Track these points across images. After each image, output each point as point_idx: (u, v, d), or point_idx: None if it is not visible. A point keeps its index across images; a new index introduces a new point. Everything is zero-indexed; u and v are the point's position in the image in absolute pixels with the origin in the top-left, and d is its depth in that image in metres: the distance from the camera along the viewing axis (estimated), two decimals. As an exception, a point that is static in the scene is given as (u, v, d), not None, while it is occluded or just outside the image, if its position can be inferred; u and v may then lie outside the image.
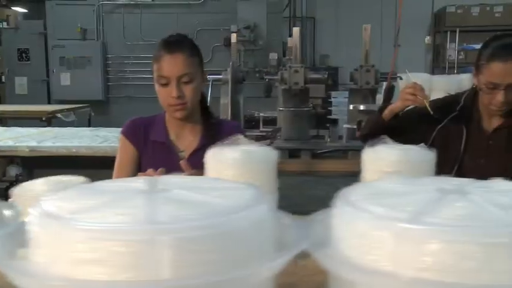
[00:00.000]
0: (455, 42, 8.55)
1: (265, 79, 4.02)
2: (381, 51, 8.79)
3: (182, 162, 1.74)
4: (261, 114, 4.36)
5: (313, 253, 0.64)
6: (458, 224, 0.55)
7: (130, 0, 8.07)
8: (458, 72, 7.28)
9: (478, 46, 6.81)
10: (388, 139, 1.46)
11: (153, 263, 0.56)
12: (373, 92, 3.50)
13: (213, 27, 7.98)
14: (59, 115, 5.45)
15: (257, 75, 6.63)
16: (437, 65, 9.34)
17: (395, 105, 2.18)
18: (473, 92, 2.21)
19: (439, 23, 9.32)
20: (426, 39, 3.12)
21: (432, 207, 0.60)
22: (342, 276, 0.61)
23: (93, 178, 1.00)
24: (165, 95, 1.93)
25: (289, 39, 3.71)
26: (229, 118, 3.81)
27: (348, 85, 4.10)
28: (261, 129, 4.33)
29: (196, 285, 0.55)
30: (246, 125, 4.54)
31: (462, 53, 8.91)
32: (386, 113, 2.23)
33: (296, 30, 3.62)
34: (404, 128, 2.33)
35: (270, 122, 4.39)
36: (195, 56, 1.95)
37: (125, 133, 2.09)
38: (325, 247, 0.65)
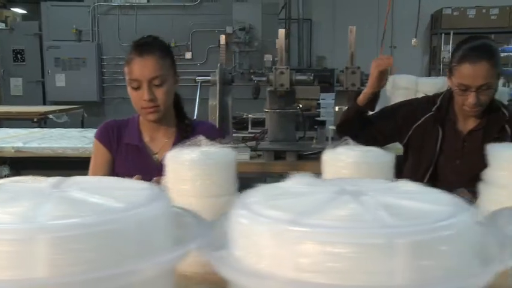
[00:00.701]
0: (450, 44, 8.55)
1: (254, 81, 4.01)
2: (377, 53, 8.81)
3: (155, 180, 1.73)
4: (250, 115, 4.36)
5: (202, 253, 0.65)
6: (335, 226, 0.55)
7: (125, 2, 8.09)
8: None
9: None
10: (350, 140, 1.46)
11: (30, 262, 0.56)
12: (359, 94, 3.48)
13: (208, 29, 8.00)
14: (50, 116, 5.46)
15: (252, 76, 6.65)
16: (434, 67, 9.34)
17: (368, 85, 2.27)
18: (449, 94, 2.22)
19: (435, 25, 9.33)
20: (413, 41, 3.13)
21: (319, 208, 0.60)
22: (226, 277, 0.61)
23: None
24: (137, 98, 1.93)
25: (277, 40, 3.70)
26: (217, 119, 3.82)
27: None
28: (250, 130, 4.33)
29: (72, 283, 0.55)
30: (236, 127, 4.55)
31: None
32: (361, 97, 2.27)
33: (281, 31, 3.62)
34: (381, 124, 2.34)
35: (259, 123, 4.39)
36: (166, 58, 1.94)
37: (98, 137, 2.09)
38: (217, 247, 0.65)
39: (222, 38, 4.23)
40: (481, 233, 0.64)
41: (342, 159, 1.34)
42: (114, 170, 2.05)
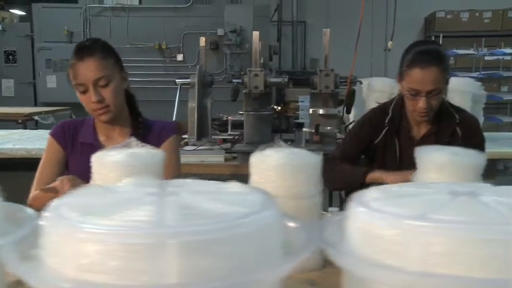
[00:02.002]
0: (444, 47, 8.52)
1: (234, 83, 4.02)
2: (371, 57, 8.79)
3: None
4: (229, 117, 4.36)
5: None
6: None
7: (117, 4, 8.10)
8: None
9: (461, 51, 6.76)
10: (283, 142, 1.46)
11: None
12: (334, 96, 3.49)
13: (200, 31, 7.97)
14: (36, 117, 5.47)
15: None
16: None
17: (387, 179, 2.03)
18: (401, 100, 2.20)
19: (429, 28, 9.32)
20: (389, 43, 3.10)
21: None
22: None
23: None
24: (86, 101, 1.95)
25: (253, 42, 3.69)
26: (195, 122, 3.82)
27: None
28: (230, 132, 4.32)
29: None
30: (220, 129, 4.54)
31: (452, 58, 8.91)
32: (370, 179, 2.12)
33: (256, 34, 3.61)
34: (350, 158, 2.32)
35: (239, 125, 4.38)
36: (108, 58, 1.96)
37: (53, 134, 2.11)
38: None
39: (202, 40, 4.24)
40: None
41: (268, 161, 1.34)
42: (67, 169, 2.06)
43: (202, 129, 3.91)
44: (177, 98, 4.44)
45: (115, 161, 1.30)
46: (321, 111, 3.48)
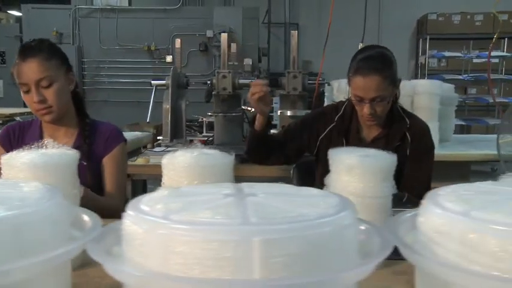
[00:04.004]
0: (435, 49, 8.52)
1: (208, 84, 4.02)
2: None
3: None
4: (204, 119, 4.37)
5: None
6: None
7: (106, 5, 8.12)
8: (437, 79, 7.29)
9: (448, 54, 6.73)
10: (199, 144, 1.46)
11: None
12: (302, 98, 3.48)
13: (189, 32, 8.01)
14: (18, 118, 5.48)
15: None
16: (422, 71, 9.32)
17: (255, 111, 2.20)
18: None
19: (421, 30, 9.32)
20: (360, 45, 3.08)
21: None
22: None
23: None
24: (29, 101, 1.96)
25: (221, 43, 3.69)
26: (169, 123, 3.83)
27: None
28: (204, 134, 4.33)
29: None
30: (200, 130, 4.55)
31: (444, 60, 8.90)
32: (256, 122, 2.23)
33: (224, 36, 3.62)
34: (289, 143, 2.32)
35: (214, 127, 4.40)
36: (52, 58, 1.96)
37: None
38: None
39: (178, 42, 4.24)
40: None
41: (176, 162, 1.34)
42: None
43: (176, 131, 3.91)
44: (151, 99, 4.46)
45: (23, 162, 1.29)
46: (289, 113, 3.48)
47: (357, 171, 1.31)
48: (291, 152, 2.34)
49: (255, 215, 0.59)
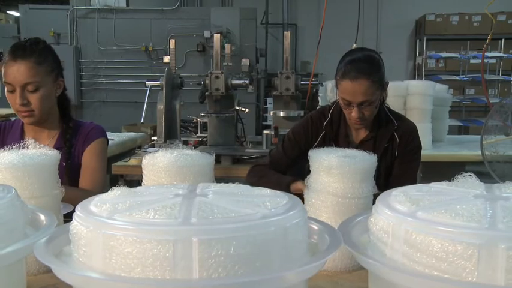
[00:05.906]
0: (434, 50, 8.52)
1: (202, 84, 4.01)
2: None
3: None
4: (198, 119, 4.36)
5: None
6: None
7: (104, 5, 8.11)
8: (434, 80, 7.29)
9: (445, 54, 6.71)
10: (180, 144, 1.46)
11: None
12: (295, 98, 3.48)
13: (187, 33, 8.02)
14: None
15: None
16: (419, 72, 9.31)
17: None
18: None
19: (419, 31, 9.32)
20: (353, 45, 3.08)
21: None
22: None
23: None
24: (12, 101, 1.93)
25: (214, 44, 3.69)
26: (163, 123, 3.82)
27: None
28: (199, 134, 4.32)
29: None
30: (195, 130, 4.54)
31: (442, 61, 8.90)
32: (295, 189, 2.01)
33: (217, 36, 3.62)
34: (295, 158, 2.27)
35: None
36: (43, 63, 1.92)
37: None
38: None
39: (172, 42, 4.23)
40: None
41: (156, 163, 1.34)
42: None
43: (170, 131, 3.91)
44: (146, 99, 4.45)
45: (2, 162, 1.29)
46: (281, 113, 3.48)
47: (336, 172, 1.31)
48: (292, 162, 2.29)
49: (198, 215, 0.59)
